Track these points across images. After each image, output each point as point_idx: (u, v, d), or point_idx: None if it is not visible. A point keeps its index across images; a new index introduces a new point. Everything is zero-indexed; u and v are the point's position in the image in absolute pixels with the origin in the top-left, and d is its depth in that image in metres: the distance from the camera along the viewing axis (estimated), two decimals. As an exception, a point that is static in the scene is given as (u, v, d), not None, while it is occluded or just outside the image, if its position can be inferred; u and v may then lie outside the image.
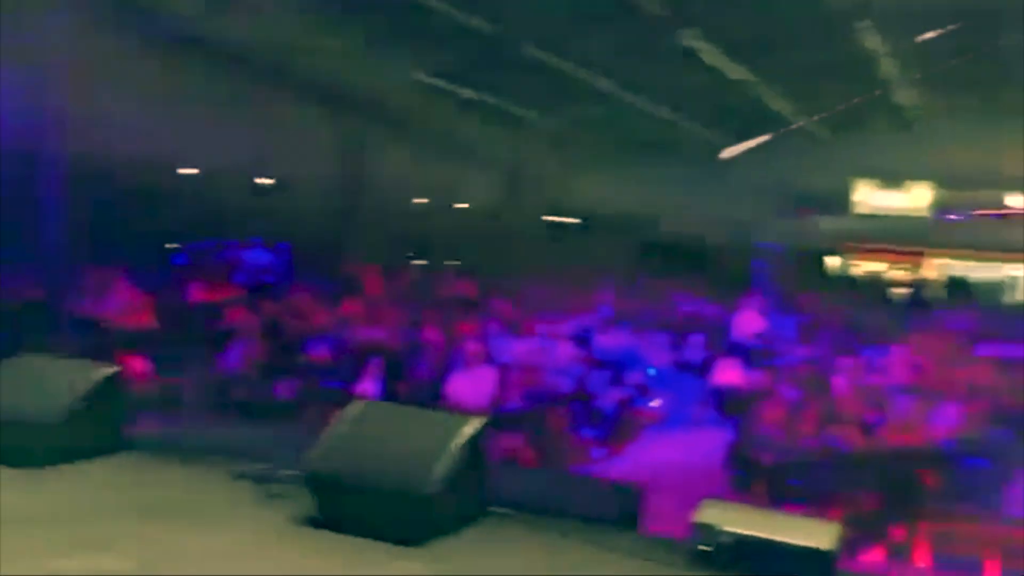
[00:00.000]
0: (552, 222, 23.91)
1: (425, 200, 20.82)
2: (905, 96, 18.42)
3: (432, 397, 9.35)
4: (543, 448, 8.97)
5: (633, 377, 11.34)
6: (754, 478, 8.05)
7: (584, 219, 23.75)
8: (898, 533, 7.52)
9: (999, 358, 11.98)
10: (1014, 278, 22.98)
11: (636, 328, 13.63)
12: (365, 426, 5.38)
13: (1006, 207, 22.85)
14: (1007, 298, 22.35)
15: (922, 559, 7.33)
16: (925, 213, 23.48)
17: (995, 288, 22.72)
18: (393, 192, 19.38)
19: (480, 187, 22.46)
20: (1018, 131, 19.06)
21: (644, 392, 11.10)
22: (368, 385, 9.50)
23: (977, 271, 23.03)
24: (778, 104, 19.46)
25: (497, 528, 5.35)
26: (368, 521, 4.88)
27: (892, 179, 23.57)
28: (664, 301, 16.35)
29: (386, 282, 14.56)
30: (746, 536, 4.96)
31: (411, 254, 18.09)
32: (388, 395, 9.37)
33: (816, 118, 20.34)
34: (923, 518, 7.54)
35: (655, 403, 10.99)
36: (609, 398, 10.63)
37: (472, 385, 9.47)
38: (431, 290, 14.76)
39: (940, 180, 23.00)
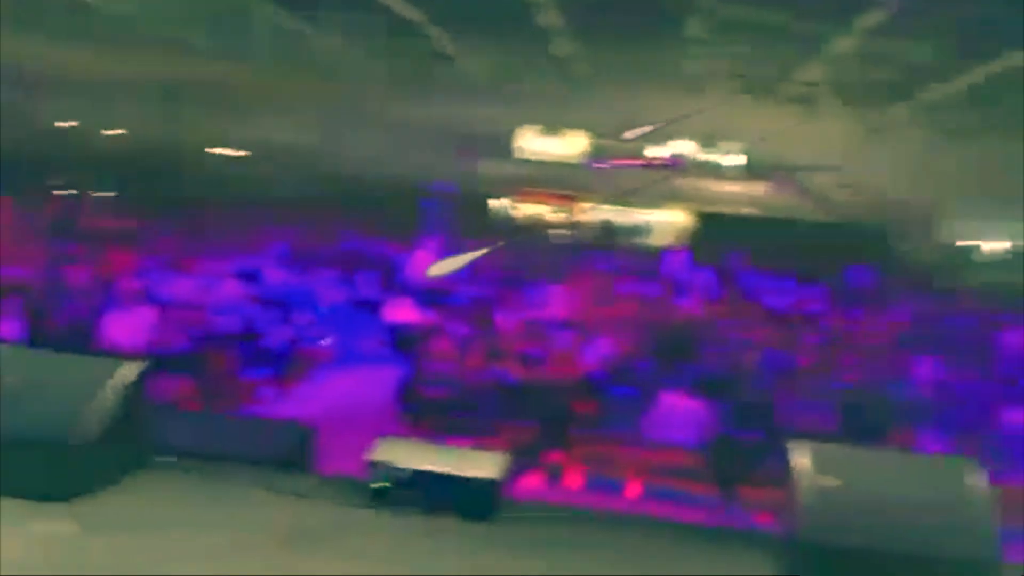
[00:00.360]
0: (217, 154, 22.69)
1: (72, 123, 18.86)
2: (561, 47, 19.41)
3: (83, 340, 8.56)
4: (209, 390, 8.56)
5: (304, 315, 11.12)
6: (425, 413, 8.24)
7: (252, 152, 22.78)
8: (555, 458, 8.06)
9: (640, 295, 13.19)
10: (651, 222, 25.30)
11: (307, 266, 13.38)
12: (2, 372, 4.80)
13: (645, 157, 25.00)
14: (646, 241, 24.61)
15: (575, 481, 7.93)
16: (578, 160, 25.08)
17: (636, 231, 24.93)
18: (32, 115, 17.35)
19: (137, 113, 20.72)
20: (660, 84, 20.89)
21: (315, 330, 10.94)
22: (6, 327, 8.50)
23: (621, 216, 25.09)
24: (446, 46, 19.72)
25: (159, 478, 5.02)
26: (4, 476, 4.38)
27: (550, 126, 24.87)
28: (336, 239, 16.17)
29: (23, 214, 13.06)
30: (419, 471, 5.07)
31: (55, 183, 16.32)
32: (31, 338, 8.45)
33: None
34: (577, 443, 8.14)
35: (326, 341, 10.88)
36: (279, 337, 10.35)
37: (128, 326, 8.80)
38: (80, 223, 13.44)
39: (592, 129, 24.61)
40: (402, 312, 11.23)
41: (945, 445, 7.94)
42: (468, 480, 5.12)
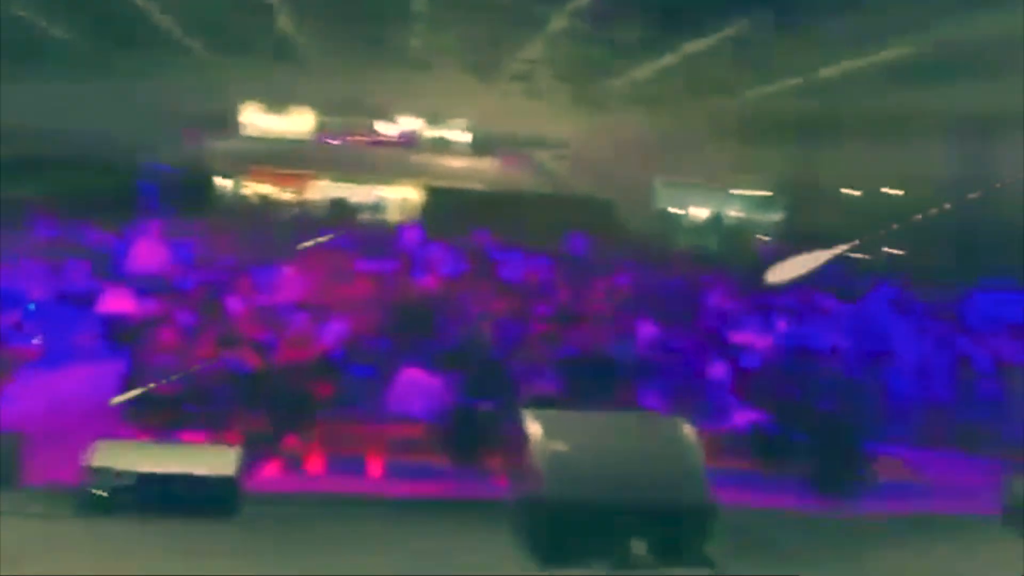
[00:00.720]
0: None
1: None
2: (287, 22, 18.91)
3: None
4: None
5: (6, 314, 10.12)
6: (151, 410, 7.77)
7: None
8: (294, 444, 7.90)
9: (376, 273, 13.16)
10: (385, 199, 25.31)
11: (5, 259, 12.15)
12: None
13: (376, 133, 24.94)
14: (380, 217, 24.58)
15: (316, 465, 7.82)
16: (307, 137, 24.59)
17: (370, 208, 24.84)
18: None
19: None
20: (386, 61, 20.89)
21: (21, 329, 10.00)
22: None
23: (354, 193, 24.89)
24: (163, 20, 18.59)
25: None
26: None
27: (277, 103, 24.20)
28: (39, 226, 14.81)
29: None
30: (146, 473, 4.79)
31: None
32: None
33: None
34: (316, 427, 8.02)
35: (36, 340, 9.98)
36: (-23, 339, 9.37)
37: None
38: None
39: (320, 106, 24.23)
40: (119, 303, 10.48)
41: (663, 401, 8.57)
42: (201, 478, 4.91)
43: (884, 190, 22.66)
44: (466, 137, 24.31)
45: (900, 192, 22.22)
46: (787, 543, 6.36)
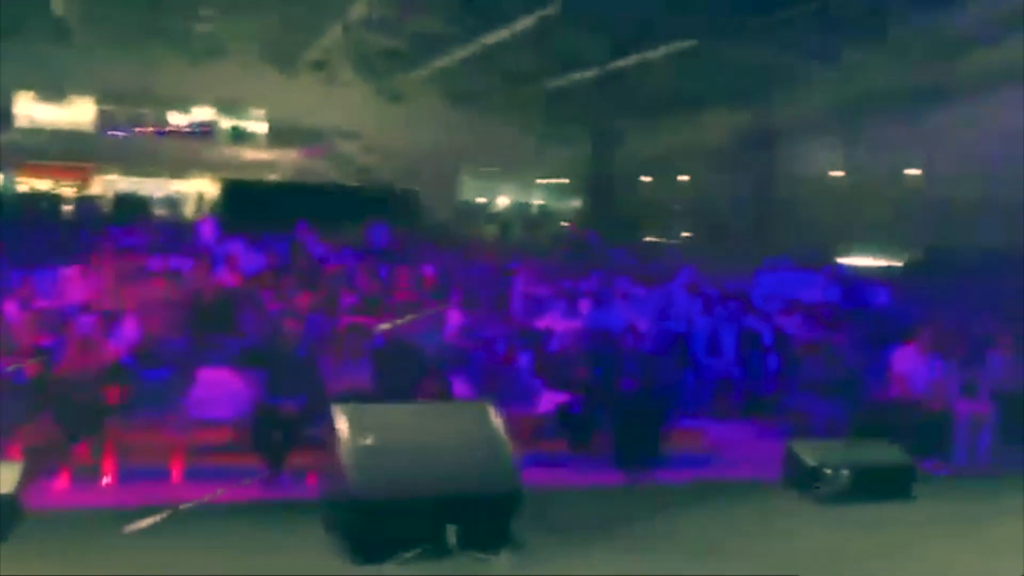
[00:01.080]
0: None
1: None
2: (63, 7, 17.70)
3: None
4: None
5: None
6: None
7: None
8: (83, 456, 7.41)
9: (170, 270, 12.53)
10: (179, 193, 24.19)
11: None
12: None
13: (167, 124, 23.79)
14: (176, 212, 23.46)
15: (109, 477, 7.36)
16: (89, 128, 23.16)
17: (163, 203, 23.65)
18: None
19: None
20: (173, 48, 19.94)
21: None
22: None
23: (144, 187, 23.64)
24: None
25: None
26: None
27: (53, 92, 22.64)
28: None
29: None
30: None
31: None
32: None
33: None
34: (108, 436, 7.56)
35: None
36: None
37: None
38: None
39: (102, 95, 22.88)
40: None
41: (471, 388, 8.63)
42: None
43: (679, 177, 23.81)
44: (263, 128, 23.62)
45: (689, 178, 23.39)
46: (591, 518, 6.58)
